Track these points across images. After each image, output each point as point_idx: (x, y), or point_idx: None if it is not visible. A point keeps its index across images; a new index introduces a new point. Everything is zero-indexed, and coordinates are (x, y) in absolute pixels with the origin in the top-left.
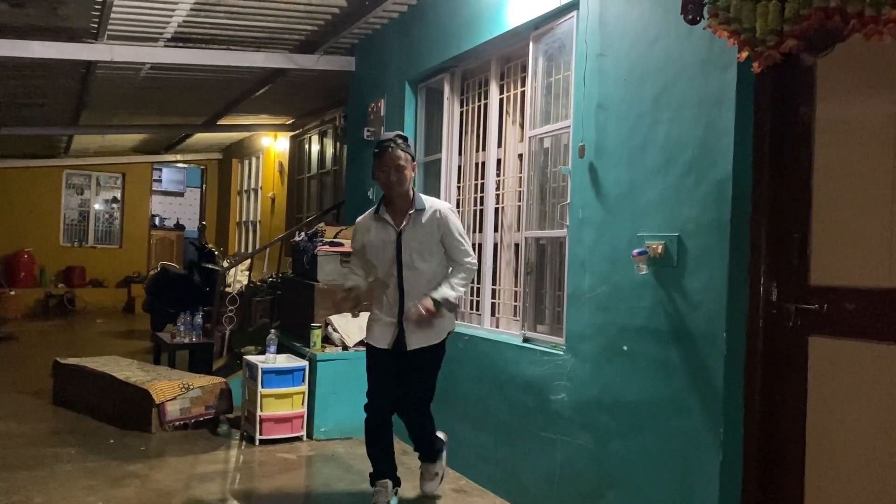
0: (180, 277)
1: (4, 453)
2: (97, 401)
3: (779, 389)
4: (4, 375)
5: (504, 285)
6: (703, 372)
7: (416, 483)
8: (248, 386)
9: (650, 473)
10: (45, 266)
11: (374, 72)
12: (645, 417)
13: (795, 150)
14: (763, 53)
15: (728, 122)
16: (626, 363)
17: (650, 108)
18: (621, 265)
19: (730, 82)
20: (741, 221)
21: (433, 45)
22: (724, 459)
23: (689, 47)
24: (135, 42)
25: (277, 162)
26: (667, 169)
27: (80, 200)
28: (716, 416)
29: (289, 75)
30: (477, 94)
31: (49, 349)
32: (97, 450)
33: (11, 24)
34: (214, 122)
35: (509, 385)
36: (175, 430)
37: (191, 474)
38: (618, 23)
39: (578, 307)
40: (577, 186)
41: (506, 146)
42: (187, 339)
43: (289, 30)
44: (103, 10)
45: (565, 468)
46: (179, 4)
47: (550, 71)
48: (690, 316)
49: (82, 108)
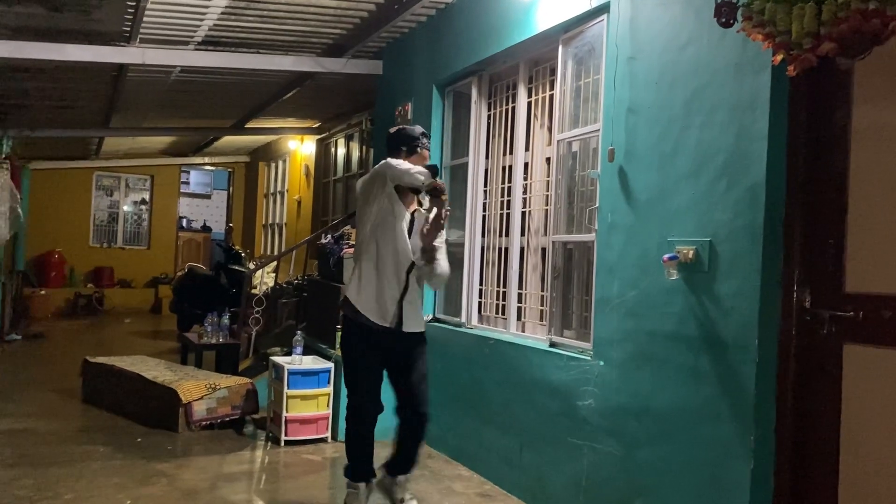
0: (207, 279)
1: (35, 450)
2: (125, 399)
3: (812, 397)
4: (35, 373)
5: (530, 289)
6: (735, 379)
7: (441, 486)
8: (274, 387)
9: (679, 481)
10: (75, 266)
11: (401, 75)
12: (674, 425)
13: (831, 154)
14: (798, 57)
15: (762, 127)
16: (655, 369)
17: (681, 113)
18: (651, 270)
19: (763, 86)
20: (774, 227)
21: (461, 48)
22: (755, 468)
23: (721, 51)
24: (166, 45)
25: (304, 165)
26: (698, 173)
27: (109, 202)
28: (747, 424)
29: (316, 78)
30: (505, 98)
31: (78, 348)
32: (125, 448)
33: (48, 27)
34: (242, 125)
35: (535, 390)
36: (201, 429)
37: (217, 474)
38: (649, 26)
39: (607, 312)
40: (607, 190)
41: (533, 150)
42: (214, 340)
43: (317, 33)
44: (136, 13)
45: (592, 475)
46: (210, 8)
47: (580, 74)
48: (722, 322)
49: (113, 111)
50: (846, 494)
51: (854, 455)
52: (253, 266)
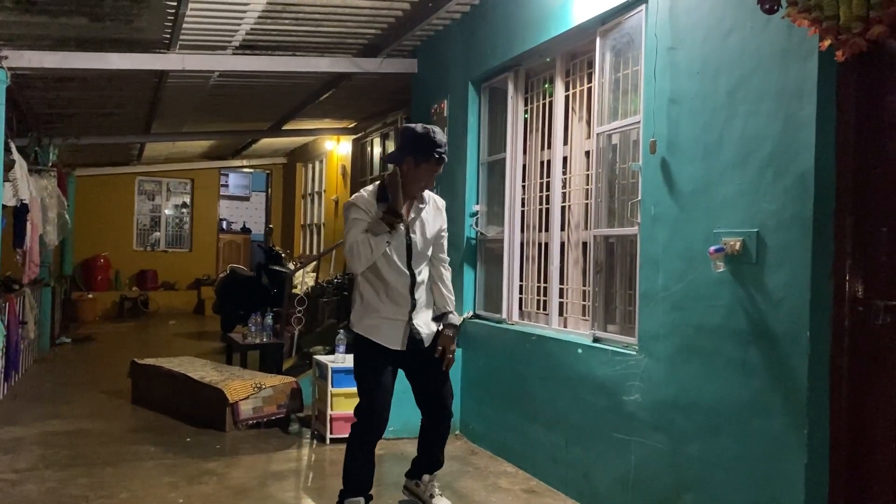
0: (249, 279)
1: (88, 450)
2: (173, 400)
3: (867, 390)
4: (85, 375)
5: (572, 284)
6: (786, 371)
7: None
8: (318, 385)
9: (730, 477)
10: (120, 270)
11: (436, 73)
12: (724, 419)
13: (882, 141)
14: (847, 41)
15: (809, 114)
16: (703, 363)
17: (725, 102)
18: (697, 263)
19: (811, 73)
20: (824, 216)
21: (496, 44)
22: (810, 463)
23: (766, 38)
24: (205, 51)
25: (340, 165)
26: (744, 163)
27: (151, 206)
28: (800, 418)
29: (352, 79)
30: (542, 92)
31: (126, 350)
32: (175, 448)
33: (91, 37)
34: (279, 127)
35: (580, 385)
36: (248, 428)
37: (265, 472)
38: (689, 15)
39: (652, 306)
40: (649, 183)
41: (572, 144)
42: (258, 340)
43: (353, 34)
44: (175, 20)
45: (640, 470)
46: (248, 13)
47: (618, 66)
48: (771, 314)
49: (154, 117)
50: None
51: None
52: (293, 266)
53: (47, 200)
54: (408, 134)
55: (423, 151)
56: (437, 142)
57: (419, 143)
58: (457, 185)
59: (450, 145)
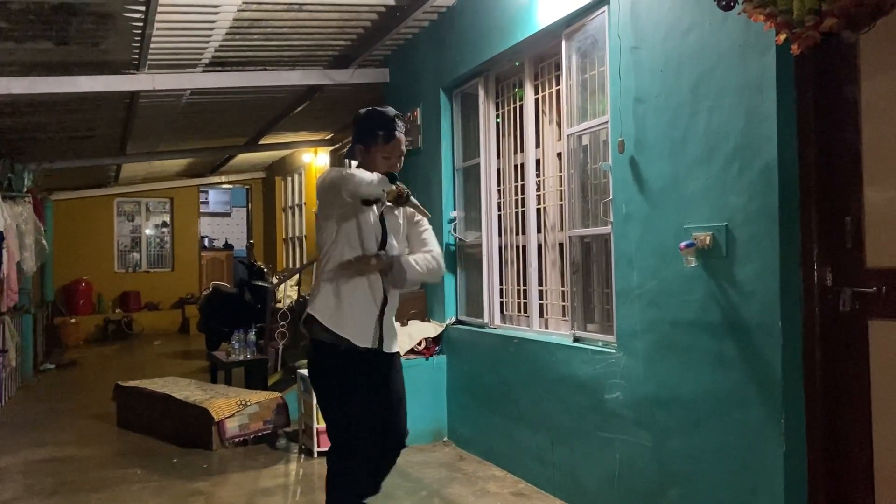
0: (232, 296)
1: (74, 477)
2: (159, 421)
3: (840, 376)
4: (70, 400)
5: (551, 286)
6: (761, 362)
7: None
8: (303, 399)
9: (713, 469)
10: (102, 293)
11: (408, 81)
12: (703, 412)
13: (842, 130)
14: (801, 35)
15: (770, 107)
16: (680, 358)
17: (689, 98)
18: (669, 259)
19: (769, 66)
20: (790, 207)
21: (465, 50)
22: (788, 451)
23: (724, 34)
24: (175, 70)
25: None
26: (710, 159)
27: (131, 227)
28: (776, 408)
29: (325, 91)
30: (512, 96)
31: (110, 373)
32: (162, 469)
33: (59, 61)
34: (256, 142)
35: (562, 386)
36: (235, 446)
37: (253, 489)
38: (650, 14)
39: (628, 304)
40: (619, 182)
41: (544, 146)
42: (242, 357)
43: (323, 46)
44: (143, 41)
45: (625, 467)
46: (215, 30)
47: (585, 67)
48: (744, 306)
49: (129, 137)
50: (882, 472)
51: (887, 431)
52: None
53: (23, 227)
54: (353, 121)
55: (367, 134)
56: (380, 119)
57: (362, 127)
58: (433, 192)
59: (424, 153)
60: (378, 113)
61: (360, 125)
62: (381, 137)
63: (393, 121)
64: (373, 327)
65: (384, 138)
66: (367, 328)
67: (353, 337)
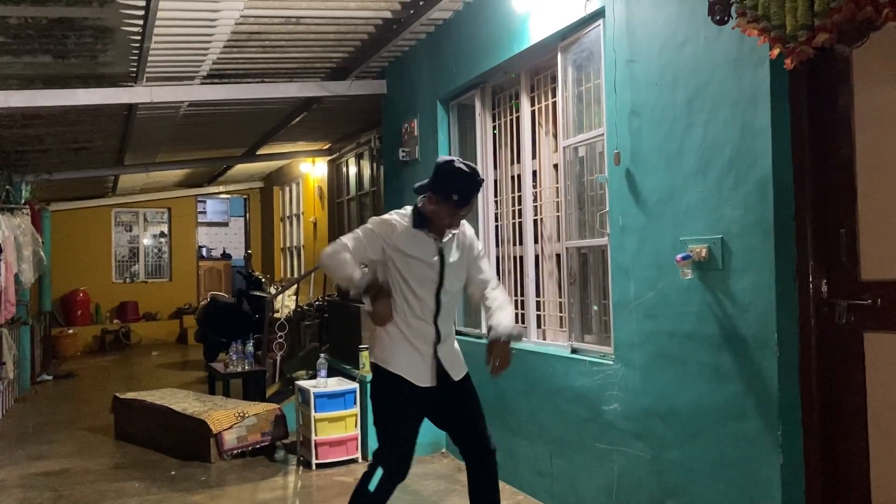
0: (230, 306)
1: (72, 491)
2: (157, 433)
3: (836, 388)
4: (67, 413)
5: (548, 297)
6: (757, 374)
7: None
8: (301, 411)
9: (710, 481)
10: (100, 303)
11: (405, 93)
12: (701, 424)
13: (836, 143)
14: (795, 49)
15: (765, 121)
16: (677, 370)
17: (684, 111)
18: (666, 271)
19: (763, 80)
20: (785, 219)
21: (462, 62)
22: (785, 462)
23: (719, 48)
24: (172, 82)
25: (317, 187)
26: (705, 171)
27: (129, 237)
28: (773, 419)
29: (323, 102)
30: (509, 108)
31: (108, 384)
32: (160, 482)
33: (57, 74)
34: (254, 152)
35: (560, 397)
36: (233, 458)
37: (251, 501)
38: (645, 28)
39: (625, 316)
40: (616, 194)
41: (540, 158)
42: (240, 368)
43: (320, 58)
44: (141, 54)
45: (623, 479)
46: (213, 43)
47: (580, 80)
48: (740, 318)
49: (127, 149)
50: (879, 482)
51: (884, 442)
52: (274, 291)
53: (21, 238)
54: (435, 168)
55: (441, 192)
56: (462, 184)
57: (442, 180)
58: None
59: (421, 163)
60: (461, 175)
61: (440, 177)
62: (455, 203)
63: (474, 189)
64: (429, 367)
65: (457, 204)
66: (423, 368)
67: (413, 377)
